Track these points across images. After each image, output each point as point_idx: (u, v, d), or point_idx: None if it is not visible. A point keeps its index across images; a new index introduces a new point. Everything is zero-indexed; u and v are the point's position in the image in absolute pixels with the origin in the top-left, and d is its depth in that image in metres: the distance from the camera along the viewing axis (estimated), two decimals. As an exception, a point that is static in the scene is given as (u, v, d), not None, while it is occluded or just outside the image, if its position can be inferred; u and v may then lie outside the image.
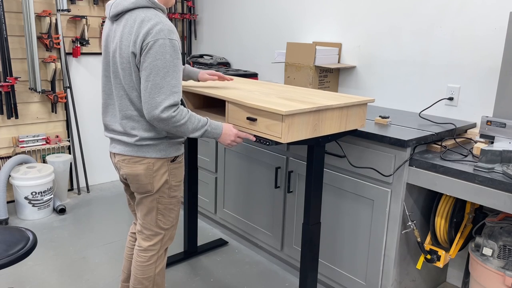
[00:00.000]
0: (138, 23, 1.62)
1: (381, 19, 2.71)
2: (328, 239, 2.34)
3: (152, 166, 1.76)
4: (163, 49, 1.59)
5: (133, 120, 1.73)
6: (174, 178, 1.84)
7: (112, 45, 1.71)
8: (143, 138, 1.73)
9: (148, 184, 1.78)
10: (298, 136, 1.70)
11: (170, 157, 1.80)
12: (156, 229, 1.87)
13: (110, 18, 1.72)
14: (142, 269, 1.89)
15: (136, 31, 1.61)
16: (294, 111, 1.62)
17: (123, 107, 1.73)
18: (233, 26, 3.78)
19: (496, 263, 1.87)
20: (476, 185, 1.74)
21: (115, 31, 1.70)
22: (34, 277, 2.54)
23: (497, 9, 2.22)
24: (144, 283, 1.90)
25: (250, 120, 1.74)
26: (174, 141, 1.80)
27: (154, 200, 1.82)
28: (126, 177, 1.81)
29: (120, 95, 1.72)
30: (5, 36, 3.17)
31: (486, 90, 2.31)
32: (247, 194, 2.78)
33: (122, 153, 1.78)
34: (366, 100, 1.90)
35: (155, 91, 1.60)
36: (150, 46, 1.58)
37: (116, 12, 1.68)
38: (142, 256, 1.89)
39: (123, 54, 1.65)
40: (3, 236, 1.78)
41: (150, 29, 1.59)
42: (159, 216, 1.86)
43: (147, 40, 1.59)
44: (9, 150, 3.44)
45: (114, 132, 1.80)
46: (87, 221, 3.27)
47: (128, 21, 1.65)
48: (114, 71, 1.72)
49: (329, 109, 1.77)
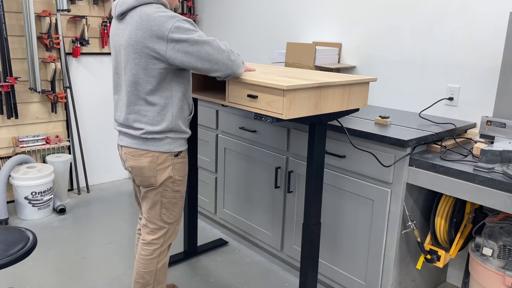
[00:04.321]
0: (146, 17, 1.67)
1: (381, 19, 2.71)
2: (328, 239, 2.34)
3: (156, 159, 1.83)
4: (183, 27, 1.66)
5: (139, 115, 1.80)
6: (178, 173, 1.90)
7: (123, 44, 1.76)
8: (149, 131, 1.79)
9: (151, 177, 1.84)
10: (300, 113, 1.69)
11: (174, 152, 1.86)
12: (160, 223, 1.93)
13: (116, 17, 1.79)
14: (145, 263, 1.94)
15: (146, 24, 1.67)
16: (295, 86, 1.62)
17: (131, 101, 1.79)
18: (233, 26, 3.78)
19: (496, 263, 1.87)
20: (476, 185, 1.74)
21: (123, 29, 1.75)
22: (34, 277, 2.54)
23: (497, 9, 2.22)
24: (145, 277, 1.94)
25: (251, 97, 1.74)
26: (178, 136, 1.86)
27: (158, 193, 1.88)
28: (131, 169, 1.88)
29: (128, 90, 1.79)
30: (5, 36, 3.17)
31: (486, 90, 2.31)
32: (247, 194, 2.78)
33: (129, 146, 1.85)
34: (368, 79, 1.90)
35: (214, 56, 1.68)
36: (171, 37, 1.64)
37: (121, 11, 1.74)
38: (145, 250, 1.95)
39: (136, 49, 1.70)
40: (3, 236, 1.78)
41: (163, 22, 1.66)
42: (163, 210, 1.92)
43: (165, 32, 1.64)
44: (9, 150, 3.44)
45: (122, 125, 1.87)
46: (87, 221, 3.27)
47: (134, 17, 1.70)
48: (124, 67, 1.78)
49: (331, 86, 1.76)
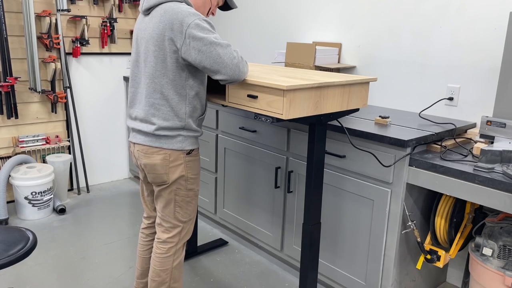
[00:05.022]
0: (170, 11, 1.72)
1: (381, 19, 2.71)
2: (328, 239, 2.34)
3: (168, 157, 1.84)
4: (202, 26, 1.69)
5: (154, 108, 1.81)
6: (191, 171, 1.91)
7: (145, 36, 1.80)
8: (161, 127, 1.81)
9: (164, 174, 1.86)
10: (300, 113, 1.69)
11: (186, 150, 1.87)
12: (174, 221, 1.94)
13: (142, 12, 1.84)
14: (160, 261, 1.95)
15: (169, 18, 1.71)
16: (295, 86, 1.62)
17: (149, 94, 1.82)
18: (233, 26, 3.78)
19: (496, 263, 1.87)
20: (476, 185, 1.74)
21: (147, 23, 1.80)
22: (34, 277, 2.54)
23: (497, 9, 2.22)
24: (161, 275, 1.96)
25: (251, 98, 1.75)
26: (191, 134, 1.88)
27: (171, 192, 1.90)
28: (144, 167, 1.90)
29: (147, 83, 1.82)
30: (5, 36, 3.17)
31: (486, 90, 2.31)
32: (247, 194, 2.78)
33: (142, 143, 1.87)
34: (368, 79, 1.90)
35: (224, 61, 1.69)
36: (189, 32, 1.68)
37: (148, 6, 1.80)
38: (161, 248, 1.96)
39: (157, 43, 1.74)
40: (3, 236, 1.78)
41: (185, 16, 1.70)
42: (177, 208, 1.93)
43: (184, 26, 1.68)
44: (9, 150, 3.44)
45: (136, 119, 1.88)
46: (87, 221, 3.27)
47: (159, 12, 1.76)
48: (145, 60, 1.81)
49: (331, 86, 1.77)
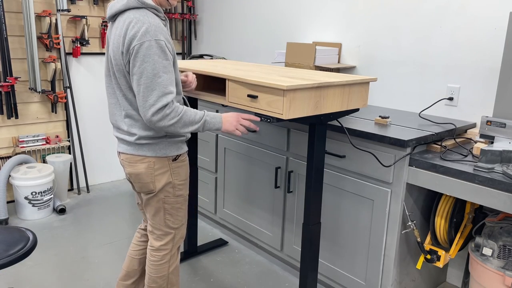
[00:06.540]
0: (126, 25, 1.63)
1: (381, 19, 2.71)
2: (328, 239, 2.34)
3: (153, 165, 1.77)
4: (150, 51, 1.58)
5: (132, 119, 1.75)
6: (178, 177, 1.84)
7: (109, 47, 1.74)
8: (142, 137, 1.75)
9: (150, 183, 1.80)
10: (300, 113, 1.69)
11: (171, 156, 1.80)
12: (165, 228, 1.89)
13: (108, 20, 1.76)
14: (156, 268, 1.92)
15: (124, 34, 1.63)
16: (295, 86, 1.62)
17: (124, 106, 1.75)
18: (233, 26, 3.78)
19: (496, 263, 1.87)
20: (476, 185, 1.74)
21: (113, 32, 1.72)
22: (34, 277, 2.54)
23: (497, 9, 2.22)
24: (158, 281, 1.93)
25: (251, 98, 1.74)
26: (175, 139, 1.80)
27: (159, 200, 1.83)
28: (129, 176, 1.84)
29: (121, 95, 1.75)
30: (5, 36, 3.17)
31: (486, 90, 2.31)
32: (247, 194, 2.78)
33: (125, 152, 1.81)
34: (368, 79, 1.90)
35: (147, 94, 1.61)
36: (136, 49, 1.59)
37: (110, 14, 1.71)
38: (155, 256, 1.92)
39: (115, 56, 1.68)
40: (3, 236, 1.77)
41: (136, 31, 1.59)
42: (167, 216, 1.87)
43: (133, 44, 1.59)
44: (9, 150, 3.44)
45: (119, 130, 1.82)
46: (87, 221, 3.27)
47: (119, 23, 1.67)
48: (112, 72, 1.75)
49: (331, 86, 1.76)
